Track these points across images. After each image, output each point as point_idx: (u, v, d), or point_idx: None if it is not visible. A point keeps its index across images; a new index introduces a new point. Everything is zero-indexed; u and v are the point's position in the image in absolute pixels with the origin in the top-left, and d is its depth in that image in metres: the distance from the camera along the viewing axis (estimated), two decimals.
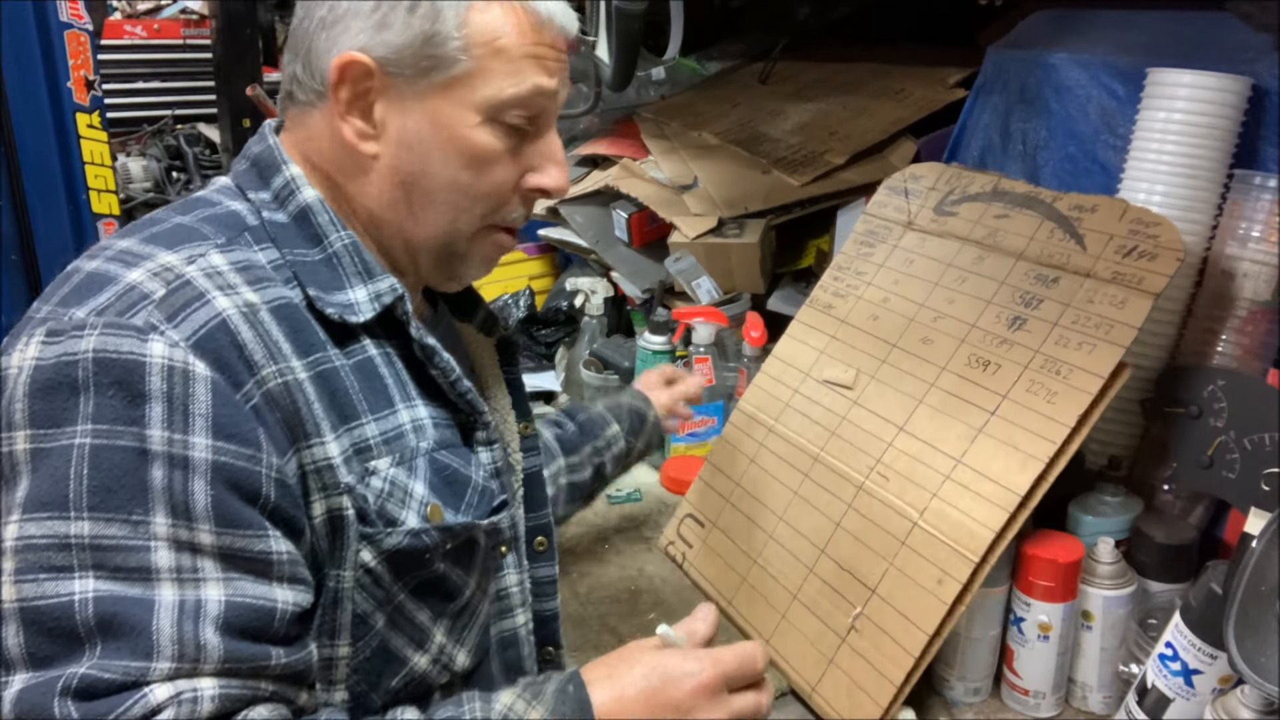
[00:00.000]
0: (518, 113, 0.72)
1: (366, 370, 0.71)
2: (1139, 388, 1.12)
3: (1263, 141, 1.14)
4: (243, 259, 0.67)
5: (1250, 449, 1.00)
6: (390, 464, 0.70)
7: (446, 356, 0.75)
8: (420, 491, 0.71)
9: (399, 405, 0.72)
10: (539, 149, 0.75)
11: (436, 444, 0.73)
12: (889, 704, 0.96)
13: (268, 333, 0.65)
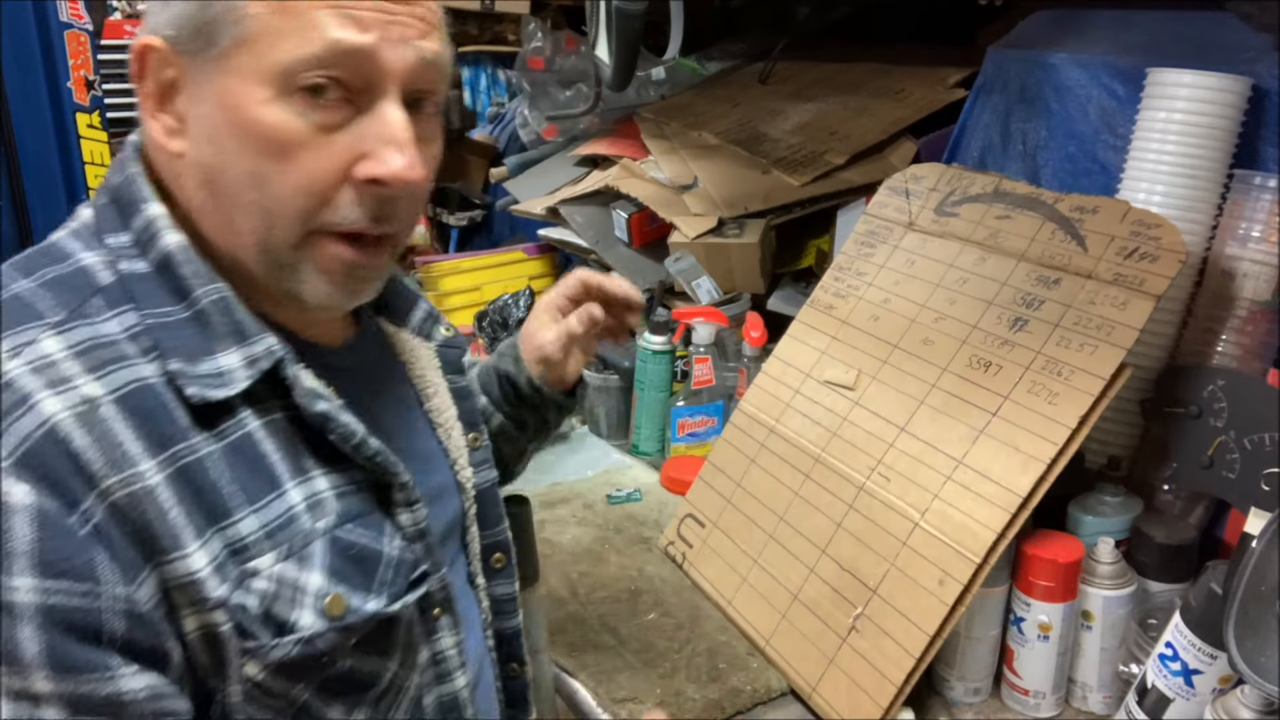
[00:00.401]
0: (315, 78, 0.58)
1: (244, 451, 0.60)
2: (1139, 388, 1.12)
3: (1263, 141, 1.14)
4: (85, 338, 0.57)
5: (1250, 449, 1.01)
6: (276, 559, 0.59)
7: (345, 420, 0.64)
8: (316, 583, 0.61)
9: (288, 484, 0.61)
10: (369, 128, 0.60)
11: (340, 519, 0.63)
12: (889, 704, 0.97)
13: (110, 433, 0.54)
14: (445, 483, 0.81)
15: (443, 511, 0.79)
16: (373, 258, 0.64)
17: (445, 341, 0.84)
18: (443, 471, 0.81)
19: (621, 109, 2.15)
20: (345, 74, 0.58)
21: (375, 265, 0.65)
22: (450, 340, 0.84)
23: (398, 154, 0.60)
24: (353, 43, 0.58)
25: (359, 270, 0.64)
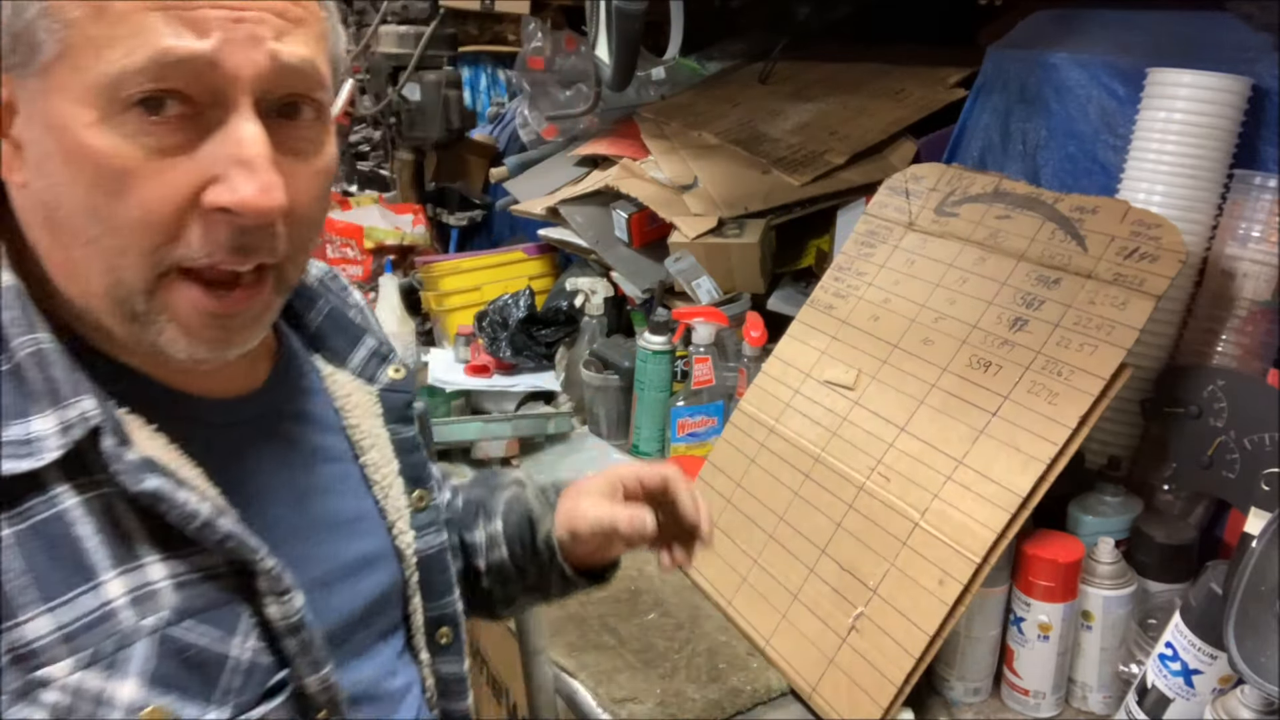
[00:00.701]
0: (146, 93, 0.49)
1: (48, 535, 0.51)
2: (1139, 388, 1.12)
3: (1263, 141, 1.14)
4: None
5: (1250, 449, 1.01)
6: (74, 666, 0.50)
7: (183, 499, 0.54)
8: (129, 694, 0.51)
9: (106, 574, 0.52)
10: (218, 147, 0.51)
11: (177, 614, 0.54)
12: (889, 704, 0.97)
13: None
14: (378, 548, 0.71)
15: (373, 580, 0.70)
16: (240, 303, 0.55)
17: (389, 385, 0.73)
18: (376, 535, 0.71)
19: (621, 109, 2.15)
20: (184, 86, 0.49)
21: (246, 310, 0.56)
22: (395, 384, 0.73)
23: (248, 178, 0.50)
24: (187, 50, 0.48)
25: (225, 320, 0.55)
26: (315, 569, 0.65)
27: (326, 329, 0.73)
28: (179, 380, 0.61)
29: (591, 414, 1.68)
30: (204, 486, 0.57)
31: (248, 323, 0.57)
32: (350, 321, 0.74)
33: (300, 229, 0.56)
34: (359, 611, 0.68)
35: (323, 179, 0.57)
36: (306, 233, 0.57)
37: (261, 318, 0.59)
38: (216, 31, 0.50)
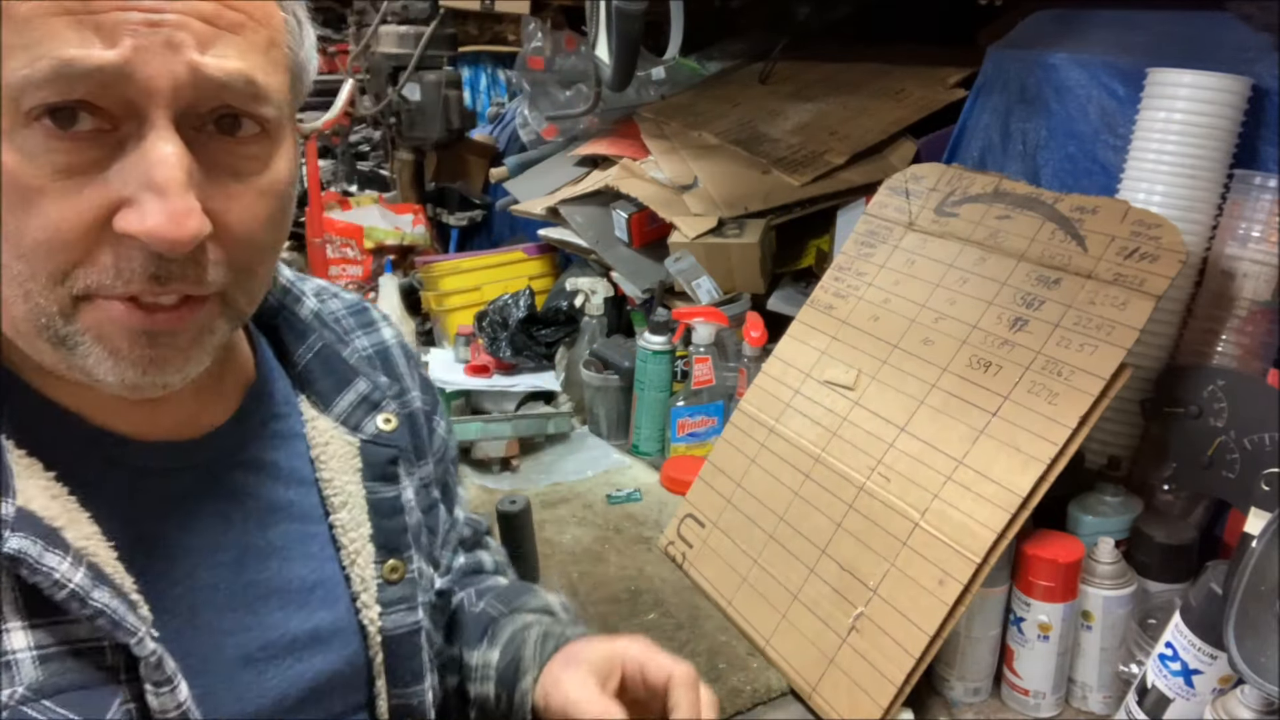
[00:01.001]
0: (47, 105, 0.44)
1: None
2: (1139, 388, 1.12)
3: (1263, 141, 1.14)
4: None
5: (1250, 449, 1.01)
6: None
7: (49, 565, 0.48)
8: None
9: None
10: (131, 167, 0.46)
11: (35, 691, 0.48)
12: (889, 704, 0.97)
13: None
14: (334, 623, 0.63)
15: (322, 659, 0.62)
16: (171, 321, 0.49)
17: (374, 436, 0.65)
18: (333, 608, 0.63)
19: (621, 109, 2.15)
20: (93, 98, 0.45)
21: (178, 329, 0.50)
22: (382, 435, 0.65)
23: (158, 204, 0.45)
24: (93, 61, 0.44)
25: (154, 338, 0.49)
26: (247, 643, 0.58)
27: (314, 369, 0.66)
28: (115, 420, 0.55)
29: (591, 414, 1.69)
30: (93, 548, 0.51)
31: (183, 345, 0.51)
32: (341, 361, 0.67)
33: (241, 253, 0.51)
34: (298, 695, 0.60)
35: (269, 200, 0.51)
36: (250, 256, 0.52)
37: (201, 341, 0.52)
38: (128, 39, 0.44)
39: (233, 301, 0.53)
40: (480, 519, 0.91)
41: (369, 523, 0.65)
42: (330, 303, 0.73)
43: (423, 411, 0.75)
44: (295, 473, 0.63)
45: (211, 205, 0.48)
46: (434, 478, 0.75)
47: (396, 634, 0.65)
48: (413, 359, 0.76)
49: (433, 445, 0.76)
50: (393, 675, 0.65)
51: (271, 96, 0.50)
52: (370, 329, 0.73)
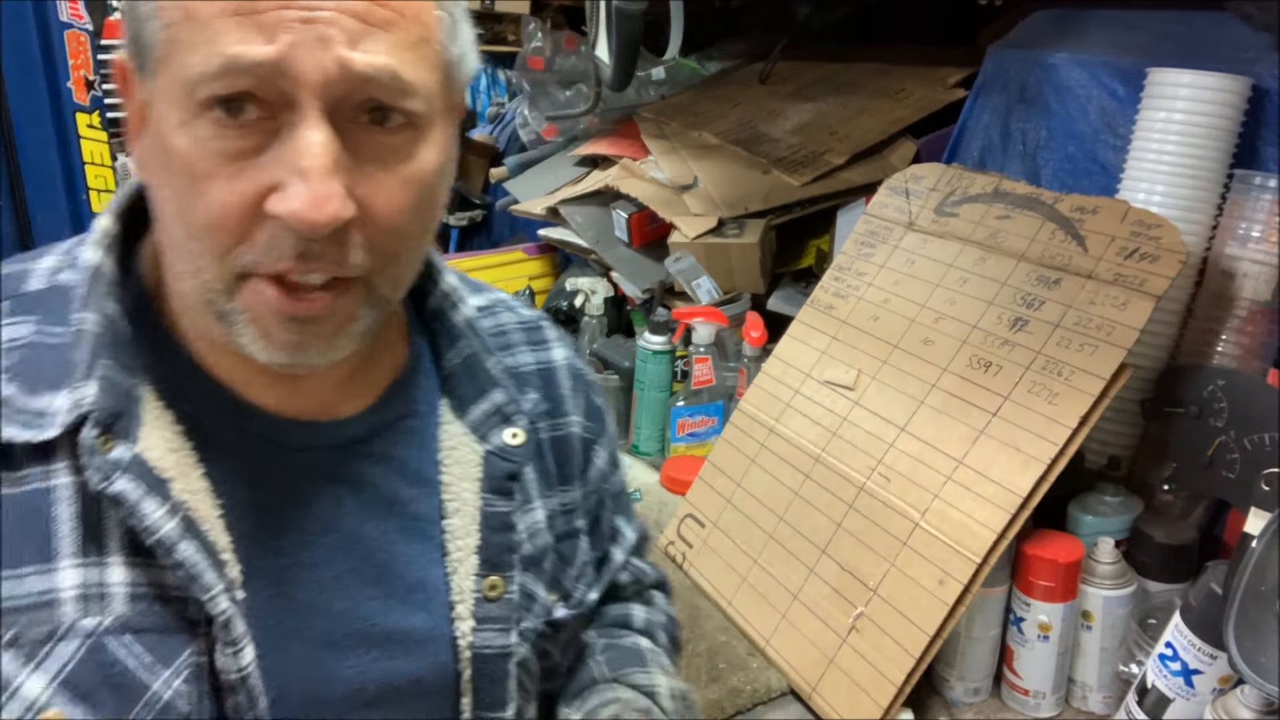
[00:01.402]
0: (216, 96, 0.49)
1: (29, 507, 0.52)
2: (1139, 388, 1.12)
3: (1263, 141, 1.14)
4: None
5: (1250, 449, 1.01)
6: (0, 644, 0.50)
7: (146, 510, 0.52)
8: (34, 691, 0.49)
9: (65, 561, 0.51)
10: (284, 153, 0.50)
11: (120, 625, 0.52)
12: (889, 704, 0.97)
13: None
14: (427, 629, 0.62)
15: (407, 664, 0.62)
16: (316, 307, 0.53)
17: (499, 449, 0.65)
18: (430, 613, 0.63)
19: (621, 109, 2.15)
20: (255, 90, 0.49)
21: (323, 316, 0.53)
22: (505, 450, 0.65)
23: (302, 188, 0.49)
24: (253, 57, 0.48)
25: (301, 325, 0.53)
26: (334, 627, 0.59)
27: (459, 374, 0.67)
28: (259, 395, 0.59)
29: None
30: (196, 504, 0.55)
31: (328, 331, 0.54)
32: (484, 370, 0.66)
33: (384, 238, 0.53)
34: (375, 690, 0.60)
35: (413, 189, 0.54)
36: (394, 242, 0.54)
37: (344, 328, 0.55)
38: (284, 35, 0.48)
39: (376, 288, 0.55)
40: (656, 572, 0.85)
41: (477, 534, 0.64)
42: (502, 315, 0.73)
43: (580, 438, 0.72)
44: (420, 472, 0.64)
45: (358, 191, 0.51)
46: (580, 506, 0.73)
47: (486, 653, 0.63)
48: (583, 385, 0.73)
49: (586, 474, 0.73)
50: (478, 695, 0.64)
51: (418, 91, 0.52)
52: (540, 346, 0.72)
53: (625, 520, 0.81)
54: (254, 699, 0.55)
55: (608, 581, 0.79)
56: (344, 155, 0.50)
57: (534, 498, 0.68)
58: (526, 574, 0.66)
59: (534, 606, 0.67)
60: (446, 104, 0.56)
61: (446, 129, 0.57)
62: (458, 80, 0.57)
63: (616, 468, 0.78)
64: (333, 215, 0.49)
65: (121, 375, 0.55)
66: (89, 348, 0.54)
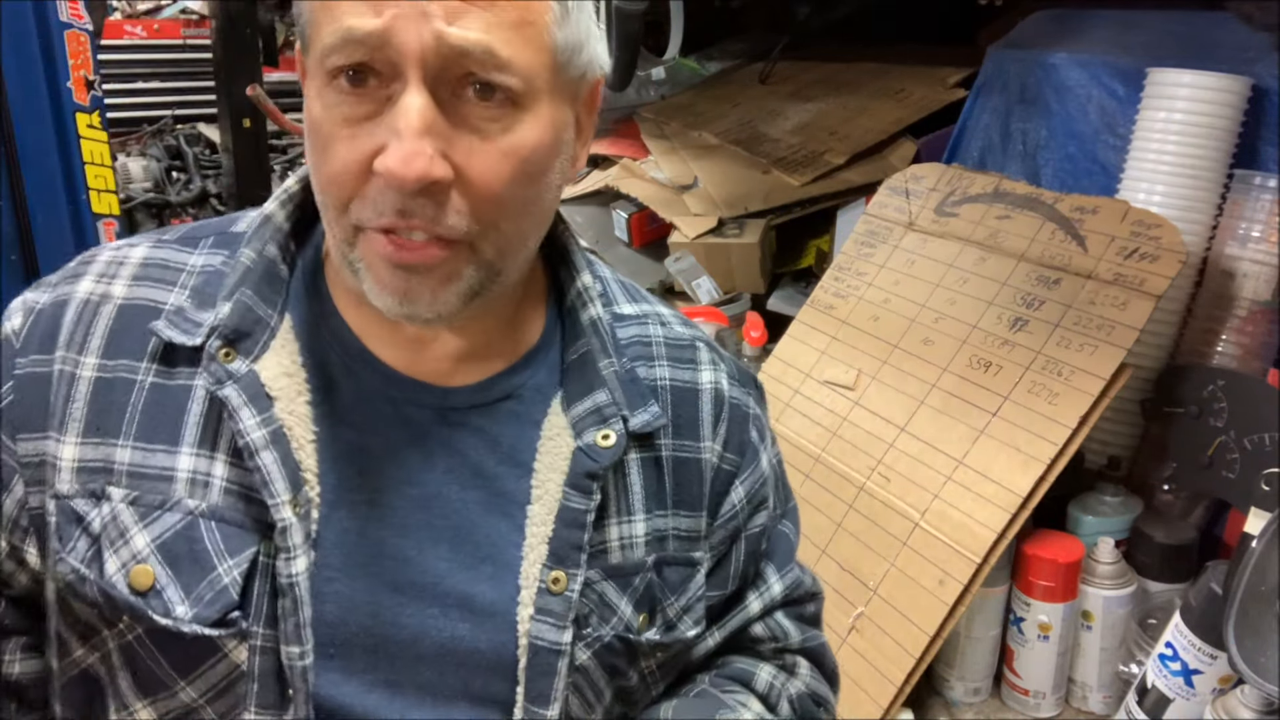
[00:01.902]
0: (339, 66, 0.55)
1: (172, 398, 0.61)
2: (1139, 388, 1.12)
3: (1263, 141, 1.14)
4: (160, 258, 0.66)
5: (1250, 449, 1.01)
6: (123, 498, 0.60)
7: (244, 416, 0.59)
8: (140, 545, 0.59)
9: (185, 448, 0.60)
10: (390, 118, 0.55)
11: (213, 510, 0.60)
12: (889, 704, 0.96)
13: (92, 324, 0.63)
14: (495, 603, 0.64)
15: (466, 630, 0.63)
16: (418, 254, 0.57)
17: (586, 447, 0.65)
18: (497, 590, 0.64)
19: (621, 109, 2.15)
20: (368, 60, 0.55)
21: (425, 264, 0.57)
22: (592, 449, 0.65)
23: (396, 146, 0.54)
24: (363, 29, 0.54)
25: (407, 271, 0.58)
26: (400, 572, 0.62)
27: (573, 369, 0.68)
28: (382, 350, 0.65)
29: None
30: (292, 423, 0.61)
31: (433, 282, 0.58)
32: (595, 370, 0.67)
33: (483, 205, 0.57)
34: (433, 649, 0.63)
35: (511, 161, 0.57)
36: (492, 210, 0.57)
37: (449, 283, 0.58)
38: (390, 10, 0.54)
39: (480, 251, 0.59)
40: (809, 638, 0.78)
41: (551, 524, 0.65)
42: (651, 327, 0.73)
43: (712, 466, 0.71)
44: (516, 454, 0.66)
45: (456, 158, 0.55)
46: (704, 538, 0.71)
47: (538, 644, 0.64)
48: (732, 415, 0.72)
49: (718, 508, 0.71)
50: (528, 685, 0.64)
51: (514, 67, 0.55)
52: (684, 365, 0.72)
53: (775, 571, 0.77)
54: (298, 606, 0.59)
55: (735, 628, 0.75)
56: (442, 122, 0.55)
57: (636, 510, 0.68)
58: (609, 582, 0.66)
59: (609, 617, 0.66)
60: (555, 86, 0.59)
61: (558, 111, 0.59)
62: (573, 65, 0.60)
63: (765, 511, 0.74)
64: (420, 171, 0.54)
65: (259, 304, 0.63)
66: (237, 277, 0.63)
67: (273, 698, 0.60)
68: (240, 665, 0.60)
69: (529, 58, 0.56)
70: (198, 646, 0.59)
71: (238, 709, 0.60)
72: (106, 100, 2.41)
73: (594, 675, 0.66)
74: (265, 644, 0.60)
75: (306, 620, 0.60)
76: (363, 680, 0.62)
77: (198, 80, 3.27)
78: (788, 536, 0.78)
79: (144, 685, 0.61)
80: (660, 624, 0.69)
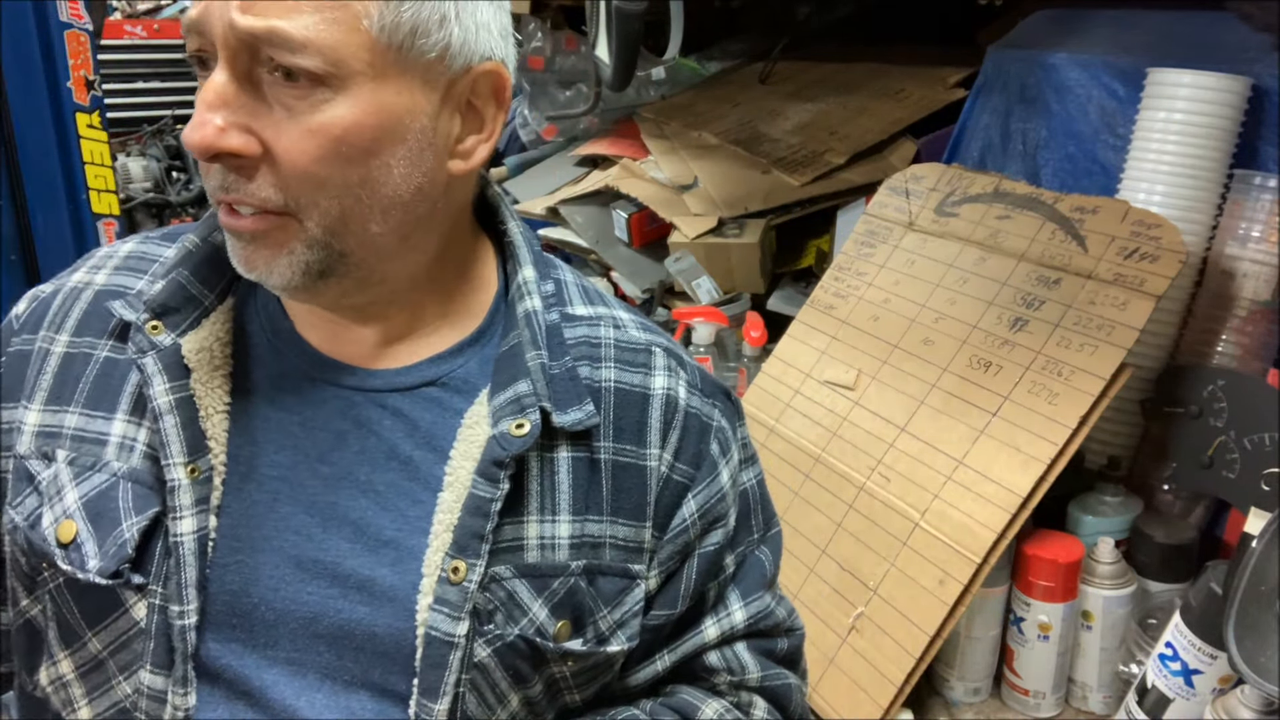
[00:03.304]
0: (190, 51, 0.60)
1: (117, 371, 0.66)
2: (1139, 388, 1.12)
3: (1263, 141, 1.14)
4: (144, 251, 0.71)
5: (1250, 449, 1.01)
6: (65, 460, 0.65)
7: (156, 384, 0.63)
8: (69, 502, 0.64)
9: (119, 415, 0.65)
10: None
11: (131, 472, 0.64)
12: (889, 704, 0.97)
13: (71, 307, 0.68)
14: (393, 588, 0.63)
15: (363, 614, 0.63)
16: (244, 224, 0.60)
17: (499, 436, 0.64)
18: (401, 573, 0.63)
19: (621, 109, 2.15)
20: (202, 46, 0.59)
21: (252, 231, 0.61)
22: (504, 437, 0.63)
23: (195, 116, 0.58)
24: (189, 17, 0.59)
25: (238, 235, 0.61)
26: (304, 549, 0.63)
27: (503, 360, 0.67)
28: (309, 332, 0.68)
29: None
30: (203, 393, 0.64)
31: (265, 253, 0.61)
32: (520, 361, 0.66)
33: (294, 181, 0.59)
34: (332, 629, 0.62)
35: (319, 139, 0.58)
36: (304, 185, 0.59)
37: (280, 256, 0.61)
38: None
39: (307, 227, 0.61)
40: (771, 676, 0.73)
41: (458, 513, 0.63)
42: (603, 329, 0.71)
43: (660, 475, 0.68)
44: (434, 439, 0.66)
45: (264, 134, 0.58)
46: (648, 550, 0.68)
47: (432, 634, 0.62)
48: (685, 425, 0.69)
49: (669, 523, 0.69)
50: (421, 677, 0.62)
51: (313, 48, 0.57)
52: (634, 369, 0.70)
53: (740, 598, 0.72)
54: (181, 566, 0.62)
55: (686, 653, 0.71)
56: (244, 97, 0.58)
57: (561, 509, 0.65)
58: (521, 580, 0.64)
59: (519, 617, 0.64)
60: (387, 66, 0.59)
61: (397, 93, 0.60)
62: (416, 47, 0.59)
63: (720, 528, 0.71)
64: (201, 139, 0.57)
65: (193, 283, 0.67)
66: (177, 259, 0.68)
67: (165, 657, 0.62)
68: (139, 622, 0.63)
69: (335, 38, 0.57)
70: (103, 599, 0.63)
71: (135, 665, 0.63)
72: (106, 100, 2.41)
73: (494, 675, 0.64)
74: (161, 603, 0.62)
75: (190, 581, 0.62)
76: (264, 655, 0.63)
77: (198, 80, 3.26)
78: (762, 563, 0.74)
79: (64, 635, 0.65)
80: (591, 636, 0.66)
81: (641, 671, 0.71)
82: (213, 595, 0.63)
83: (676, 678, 0.72)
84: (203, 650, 0.63)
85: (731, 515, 0.72)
